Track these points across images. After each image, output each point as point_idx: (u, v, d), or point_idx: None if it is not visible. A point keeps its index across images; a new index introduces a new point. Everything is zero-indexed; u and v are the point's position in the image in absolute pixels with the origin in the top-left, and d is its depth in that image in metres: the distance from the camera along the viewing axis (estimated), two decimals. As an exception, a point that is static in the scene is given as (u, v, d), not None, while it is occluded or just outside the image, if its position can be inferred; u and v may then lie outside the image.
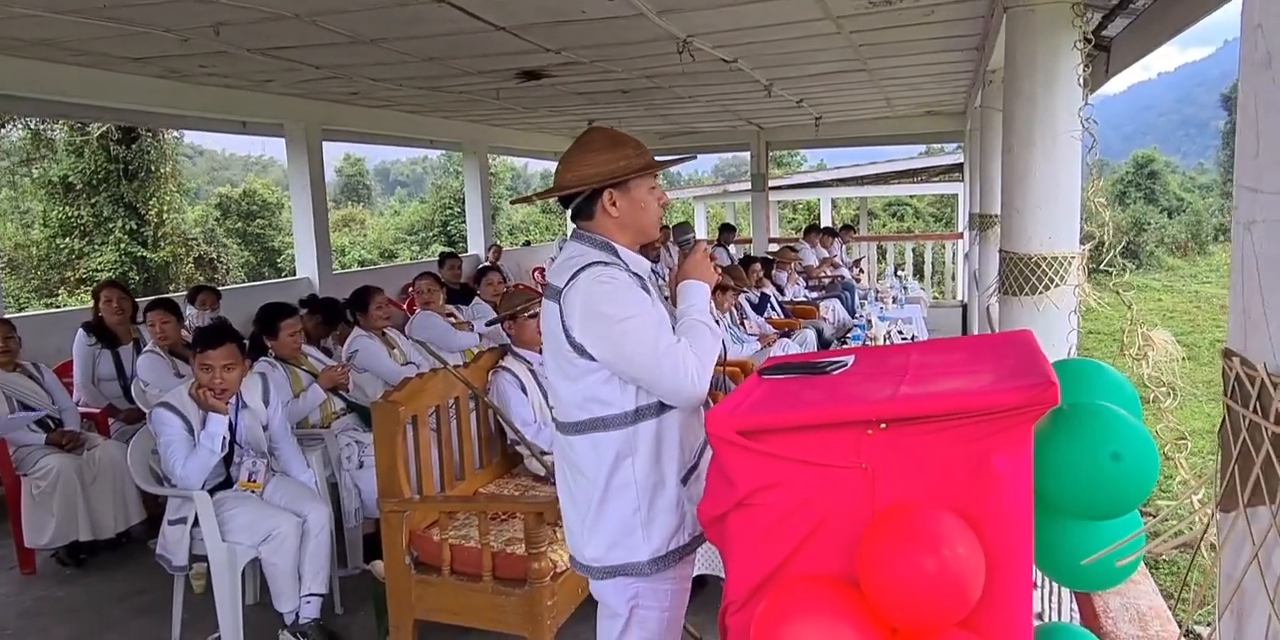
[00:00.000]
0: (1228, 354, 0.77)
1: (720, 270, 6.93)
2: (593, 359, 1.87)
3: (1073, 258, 3.14)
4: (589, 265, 1.89)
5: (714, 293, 6.07)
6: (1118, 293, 2.35)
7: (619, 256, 1.96)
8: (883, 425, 1.42)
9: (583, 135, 2.03)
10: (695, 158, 2.18)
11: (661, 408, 1.90)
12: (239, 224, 22.93)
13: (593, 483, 1.94)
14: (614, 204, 1.95)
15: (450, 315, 5.69)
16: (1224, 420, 0.78)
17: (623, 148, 1.96)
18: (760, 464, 1.49)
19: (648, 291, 1.92)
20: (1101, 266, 2.68)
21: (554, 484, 3.38)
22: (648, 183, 1.98)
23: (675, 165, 2.07)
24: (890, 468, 1.43)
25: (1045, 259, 3.17)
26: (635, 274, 1.94)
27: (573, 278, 1.89)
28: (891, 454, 1.42)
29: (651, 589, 1.99)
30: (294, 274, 8.17)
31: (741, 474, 1.50)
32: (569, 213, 2.03)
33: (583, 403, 1.92)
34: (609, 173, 1.93)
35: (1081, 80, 3.07)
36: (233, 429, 3.34)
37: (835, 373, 1.70)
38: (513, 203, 2.25)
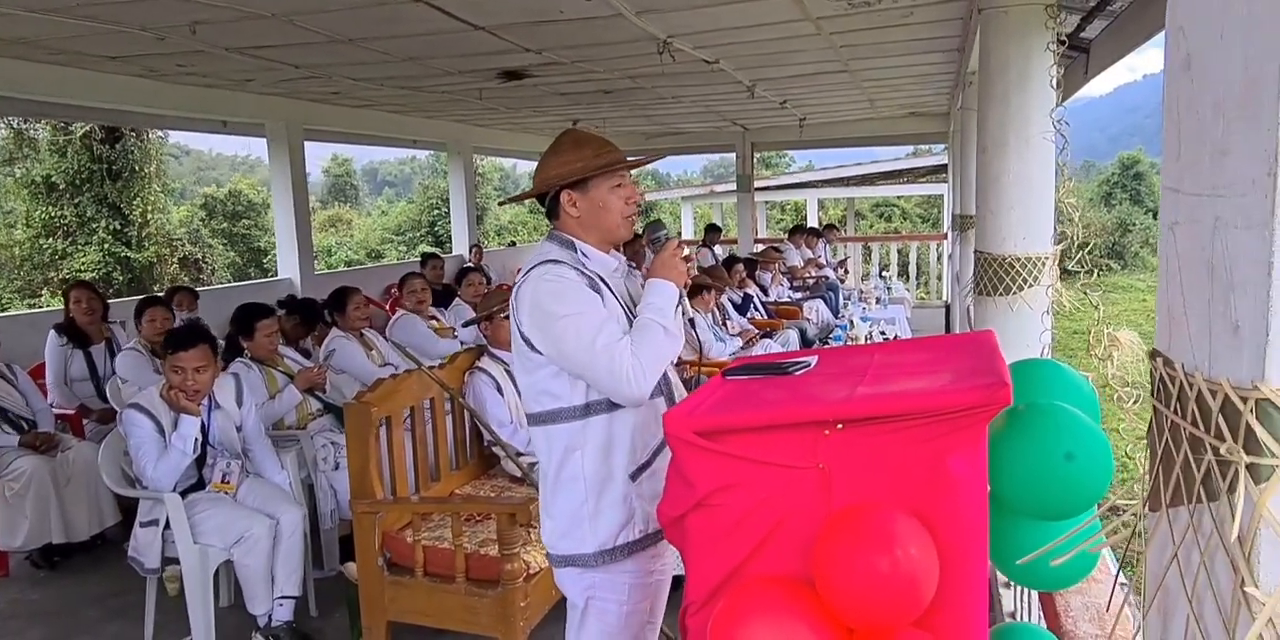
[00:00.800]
0: (1154, 354, 0.77)
1: (702, 270, 6.89)
2: (540, 353, 1.93)
3: (1046, 259, 3.15)
4: (541, 263, 1.96)
5: (697, 293, 6.03)
6: (1085, 293, 2.36)
7: (580, 254, 2.00)
8: (839, 425, 1.42)
9: (555, 139, 2.09)
10: (662, 157, 2.24)
11: (614, 404, 1.93)
12: (224, 224, 22.83)
13: (545, 473, 2.02)
14: (574, 204, 2.01)
15: (433, 318, 5.62)
16: (1151, 420, 0.78)
17: (583, 149, 2.01)
18: (718, 464, 1.49)
19: (599, 291, 1.94)
20: (1071, 267, 2.69)
21: (530, 484, 3.38)
22: (610, 182, 2.01)
23: (637, 166, 2.09)
24: (847, 468, 1.43)
25: (1019, 260, 3.19)
26: (592, 273, 1.97)
27: (526, 274, 1.97)
28: (848, 454, 1.42)
29: (608, 581, 2.01)
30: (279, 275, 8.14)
31: (700, 475, 1.50)
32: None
33: (537, 395, 1.98)
34: (565, 174, 1.99)
35: (1054, 82, 3.09)
36: (205, 430, 3.32)
37: (798, 373, 1.70)
38: (501, 203, 2.38)
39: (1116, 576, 0.97)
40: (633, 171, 2.08)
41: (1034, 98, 3.11)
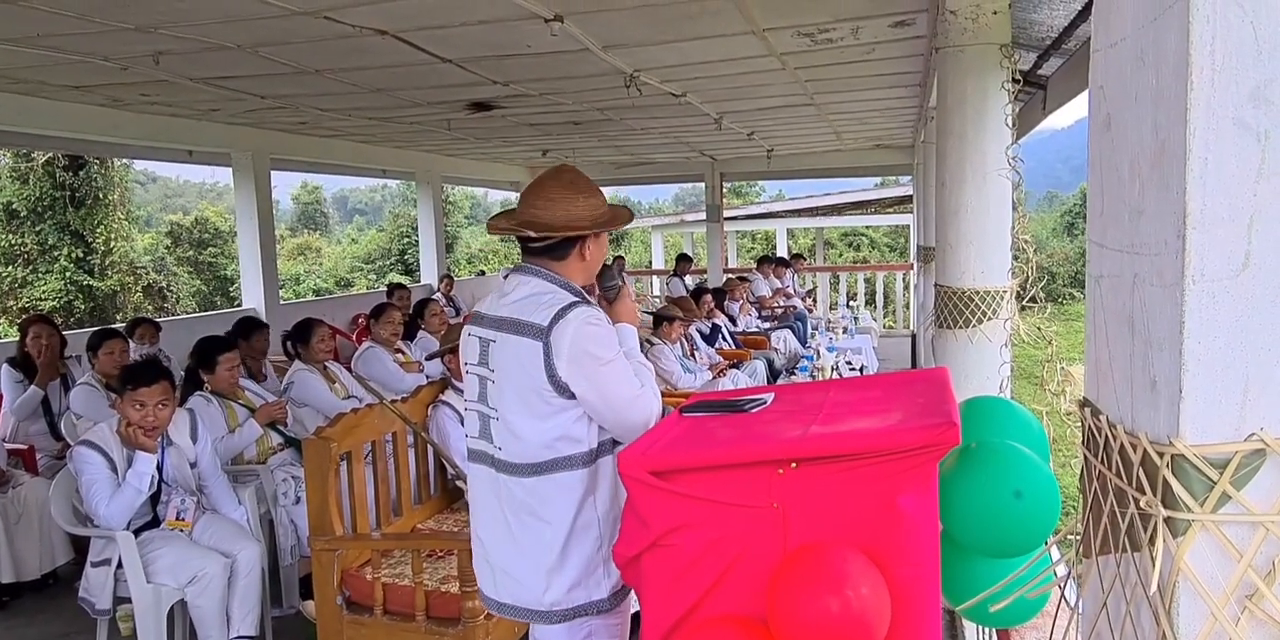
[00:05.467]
0: (1084, 403, 0.79)
1: (671, 301, 6.90)
2: (572, 397, 1.86)
3: (1003, 292, 3.20)
4: (574, 305, 1.88)
5: (663, 324, 6.04)
6: (1040, 329, 2.41)
7: (587, 299, 1.97)
8: (793, 464, 1.43)
9: (560, 173, 2.01)
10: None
11: (613, 444, 1.93)
12: (190, 252, 22.57)
13: (552, 525, 1.90)
14: (590, 249, 1.99)
15: (399, 351, 5.54)
16: (1082, 469, 0.79)
17: (601, 195, 2.01)
18: (673, 504, 1.49)
19: None
20: (1025, 304, 2.73)
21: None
22: (605, 234, 2.05)
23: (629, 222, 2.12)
24: (801, 507, 1.43)
25: (978, 293, 3.22)
26: None
27: (559, 316, 1.86)
28: (802, 493, 1.43)
29: (604, 625, 1.98)
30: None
31: (655, 514, 1.50)
32: (527, 246, 1.99)
33: (551, 442, 1.89)
34: (598, 218, 1.96)
35: (1010, 120, 3.15)
36: (159, 467, 3.25)
37: (753, 410, 1.71)
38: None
39: (1055, 618, 0.98)
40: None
41: (990, 134, 3.16)
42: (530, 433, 1.90)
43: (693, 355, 6.50)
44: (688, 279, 10.98)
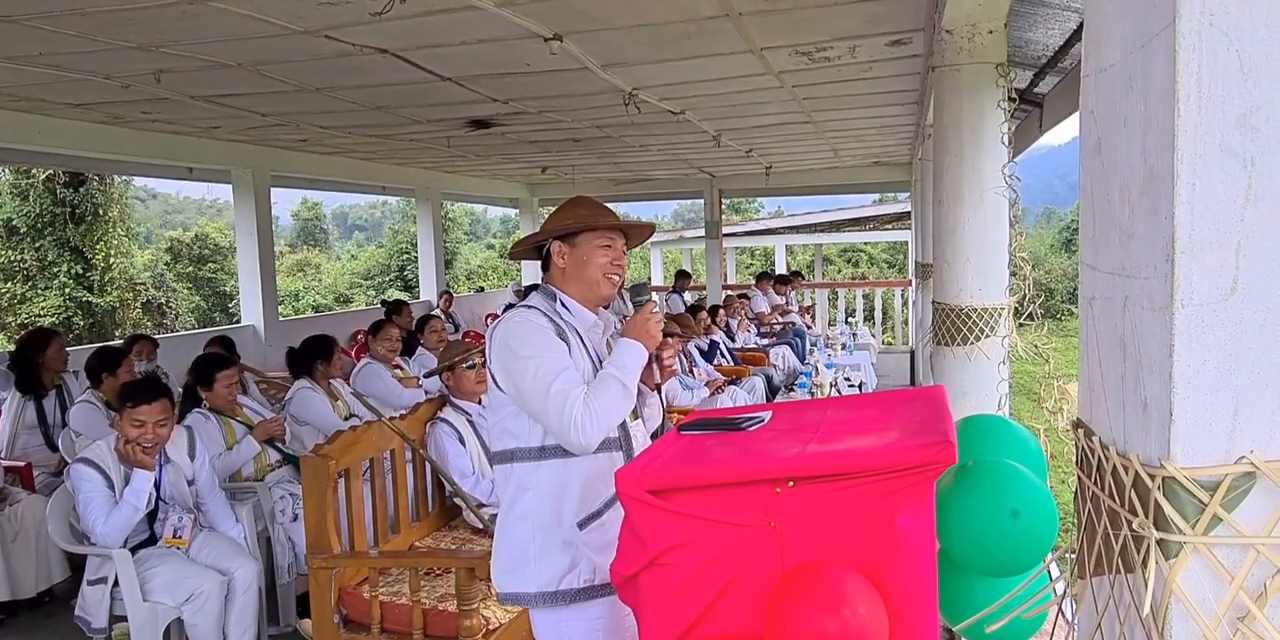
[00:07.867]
0: (1077, 424, 0.79)
1: (669, 317, 6.93)
2: (503, 391, 2.01)
3: (1001, 309, 3.21)
4: (518, 306, 2.10)
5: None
6: (1037, 347, 2.41)
7: (559, 305, 2.11)
8: (791, 483, 1.43)
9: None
10: (650, 234, 2.29)
11: (570, 451, 1.98)
12: (190, 268, 22.61)
13: (500, 510, 2.09)
14: (562, 256, 2.12)
15: (397, 367, 5.53)
16: (1076, 489, 0.80)
17: (580, 208, 2.15)
18: (671, 522, 1.48)
19: (565, 340, 2.01)
20: (1022, 321, 2.74)
21: (491, 536, 3.33)
22: (598, 241, 2.11)
23: (628, 227, 2.18)
24: (799, 526, 1.43)
25: (975, 310, 3.23)
26: (565, 324, 2.05)
27: (500, 317, 2.11)
28: (800, 512, 1.43)
29: (580, 630, 2.02)
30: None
31: (652, 533, 1.50)
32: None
33: (499, 434, 2.07)
34: (561, 227, 2.12)
35: (1006, 139, 3.17)
36: (156, 485, 3.25)
37: (751, 429, 1.71)
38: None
39: (1052, 636, 0.98)
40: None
41: (986, 153, 3.18)
42: (490, 424, 2.12)
43: (691, 372, 6.50)
44: (686, 295, 10.99)
